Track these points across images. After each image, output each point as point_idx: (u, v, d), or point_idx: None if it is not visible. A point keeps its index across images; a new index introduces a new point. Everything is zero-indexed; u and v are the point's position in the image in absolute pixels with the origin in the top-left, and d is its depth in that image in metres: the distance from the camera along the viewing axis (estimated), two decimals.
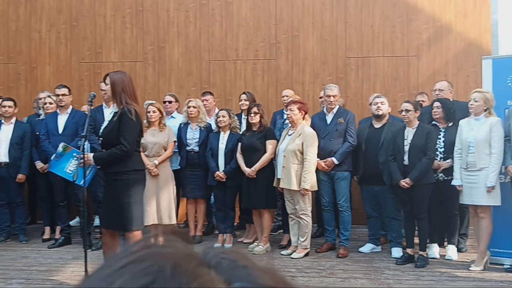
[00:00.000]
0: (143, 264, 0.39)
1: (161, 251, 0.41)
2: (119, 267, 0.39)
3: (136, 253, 0.41)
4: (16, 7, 7.41)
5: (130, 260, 0.39)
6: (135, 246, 0.42)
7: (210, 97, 6.35)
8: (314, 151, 4.95)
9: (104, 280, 0.38)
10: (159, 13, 7.25)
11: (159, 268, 0.38)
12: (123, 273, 0.38)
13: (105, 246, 4.07)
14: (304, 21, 7.06)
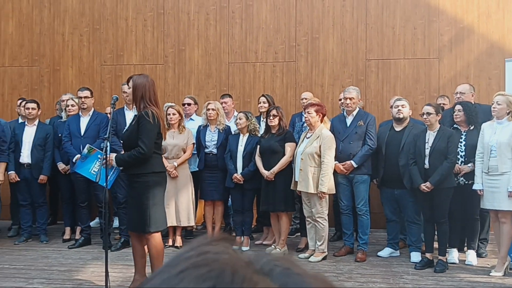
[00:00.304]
0: (202, 270, 0.40)
1: (218, 257, 0.42)
2: (178, 271, 0.40)
3: (193, 258, 0.42)
4: (40, 11, 7.56)
5: (188, 265, 0.40)
6: (191, 252, 0.43)
7: (229, 99, 6.37)
8: (331, 154, 4.92)
9: (164, 283, 0.39)
10: (180, 15, 7.31)
11: (218, 274, 0.39)
12: (183, 277, 0.39)
13: (133, 248, 4.11)
14: (324, 23, 7.03)
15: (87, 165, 4.22)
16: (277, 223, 5.46)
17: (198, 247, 0.43)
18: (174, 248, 5.60)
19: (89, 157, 4.23)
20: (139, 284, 4.01)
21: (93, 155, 4.21)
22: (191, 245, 0.44)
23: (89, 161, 4.22)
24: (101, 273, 4.59)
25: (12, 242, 5.98)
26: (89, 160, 4.23)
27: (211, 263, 0.40)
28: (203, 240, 0.45)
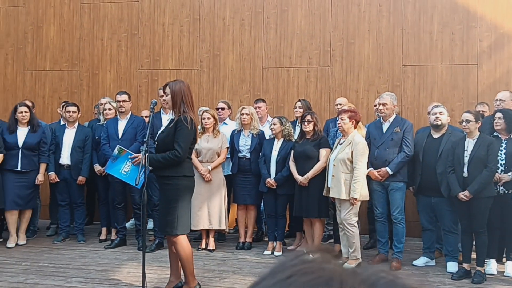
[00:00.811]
0: (310, 276, 0.41)
1: (324, 266, 0.43)
2: (286, 277, 0.41)
3: (299, 265, 0.43)
4: (80, 16, 7.78)
5: (295, 271, 0.42)
6: (296, 260, 0.44)
7: (262, 104, 6.40)
8: (364, 160, 4.86)
9: (274, 286, 0.41)
10: (215, 21, 7.39)
11: (327, 281, 0.40)
12: (291, 282, 0.40)
13: (169, 250, 4.17)
14: (360, 28, 6.98)
15: (118, 166, 4.30)
16: (310, 229, 5.44)
17: (303, 256, 0.44)
18: (207, 251, 5.64)
19: (120, 157, 4.31)
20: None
21: (124, 155, 4.30)
22: (295, 254, 0.45)
23: (120, 162, 4.30)
24: (137, 274, 4.68)
25: (50, 241, 6.15)
26: (119, 161, 4.31)
27: (318, 271, 0.41)
28: (306, 250, 0.46)
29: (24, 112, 5.90)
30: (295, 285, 0.40)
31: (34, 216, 6.32)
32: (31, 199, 6.02)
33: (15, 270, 4.85)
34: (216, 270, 4.93)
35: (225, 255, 5.56)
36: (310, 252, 0.46)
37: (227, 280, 4.61)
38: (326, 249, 0.47)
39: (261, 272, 0.45)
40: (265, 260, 5.37)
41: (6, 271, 4.83)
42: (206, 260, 5.24)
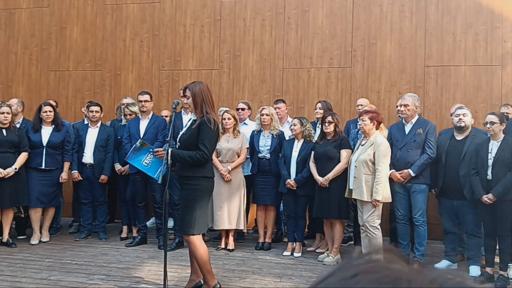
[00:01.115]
0: (377, 275, 0.41)
1: (390, 266, 0.43)
2: (352, 275, 0.41)
3: (364, 264, 0.43)
4: (103, 17, 7.89)
5: (361, 270, 0.42)
6: (360, 259, 0.44)
7: (282, 105, 6.39)
8: (386, 162, 4.81)
9: (339, 284, 0.41)
10: (236, 22, 7.42)
11: (394, 280, 0.40)
12: (358, 280, 0.40)
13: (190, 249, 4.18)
14: (382, 28, 6.93)
15: (139, 157, 4.35)
16: (330, 230, 5.42)
17: (367, 256, 0.44)
18: (227, 251, 5.66)
19: (141, 150, 4.37)
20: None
21: (145, 149, 4.35)
22: (360, 254, 0.45)
23: (141, 154, 4.35)
24: (158, 272, 4.73)
25: (73, 239, 6.25)
26: (141, 153, 4.36)
27: (384, 270, 0.41)
28: (371, 250, 0.46)
29: (49, 112, 6.00)
30: (361, 283, 0.40)
31: (57, 214, 6.43)
32: (54, 197, 6.12)
33: (39, 267, 4.94)
34: (236, 270, 4.94)
35: (244, 255, 5.58)
36: (374, 252, 0.46)
37: (246, 280, 4.62)
38: (391, 250, 0.46)
39: (322, 271, 0.45)
40: (284, 261, 5.36)
41: (29, 267, 4.92)
42: (226, 260, 5.26)
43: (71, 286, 4.32)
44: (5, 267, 4.88)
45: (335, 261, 5.24)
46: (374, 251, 0.46)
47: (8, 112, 5.70)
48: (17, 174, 5.67)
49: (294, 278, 4.71)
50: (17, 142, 5.72)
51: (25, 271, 4.76)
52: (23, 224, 6.34)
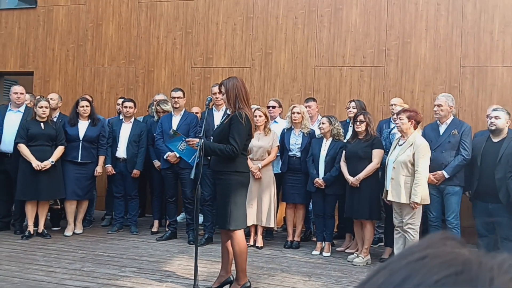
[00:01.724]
0: (444, 258, 0.41)
1: (456, 251, 0.43)
2: (417, 258, 0.41)
3: (429, 249, 0.43)
4: (138, 15, 8.02)
5: (426, 254, 0.42)
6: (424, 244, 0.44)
7: (313, 103, 6.36)
8: (425, 163, 4.70)
9: (405, 268, 0.41)
10: (269, 19, 7.42)
11: (463, 262, 0.40)
12: (425, 263, 0.41)
13: (222, 244, 4.22)
14: (416, 27, 6.81)
15: (175, 143, 4.43)
16: (360, 230, 5.36)
17: (430, 242, 0.44)
18: (255, 248, 5.68)
19: (175, 137, 4.44)
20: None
21: (178, 137, 4.42)
22: (423, 240, 0.46)
23: (176, 140, 4.42)
24: (187, 266, 4.79)
25: (105, 231, 6.39)
26: (175, 140, 4.43)
27: (451, 254, 0.41)
28: (434, 237, 0.46)
29: (85, 106, 6.15)
30: (429, 265, 0.40)
31: (90, 207, 6.58)
32: (89, 190, 6.27)
33: (72, 258, 5.07)
34: (265, 267, 4.95)
35: (273, 253, 5.58)
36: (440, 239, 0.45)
37: (275, 278, 4.62)
38: (453, 237, 0.46)
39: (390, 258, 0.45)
40: (313, 260, 5.35)
41: (64, 258, 5.05)
42: (254, 257, 5.28)
43: (103, 278, 4.42)
44: (40, 257, 5.03)
45: (364, 261, 5.19)
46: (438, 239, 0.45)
47: (46, 107, 5.86)
48: (54, 167, 5.83)
49: (323, 278, 4.69)
50: (54, 136, 5.88)
51: (60, 262, 4.89)
52: (58, 216, 6.52)
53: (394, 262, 0.43)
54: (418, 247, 0.44)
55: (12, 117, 6.14)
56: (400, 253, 0.44)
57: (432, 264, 0.40)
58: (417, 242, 0.46)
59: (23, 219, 6.13)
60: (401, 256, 0.43)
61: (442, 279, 0.39)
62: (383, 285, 0.41)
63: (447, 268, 0.40)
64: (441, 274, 0.39)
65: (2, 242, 5.60)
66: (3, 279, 4.26)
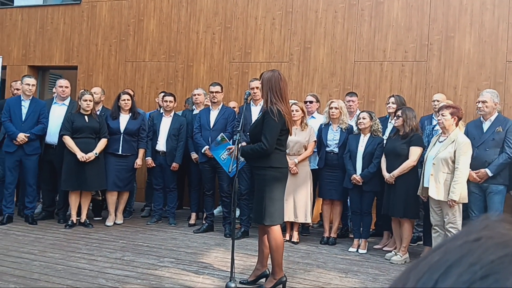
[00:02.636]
0: (500, 239, 0.41)
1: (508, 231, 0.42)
2: (474, 239, 0.42)
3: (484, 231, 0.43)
4: (178, 10, 8.13)
5: (482, 235, 0.42)
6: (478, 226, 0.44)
7: (356, 98, 6.27)
8: (467, 161, 4.57)
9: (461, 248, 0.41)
10: (308, 14, 7.37)
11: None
12: (481, 244, 0.41)
13: (259, 238, 4.24)
14: (461, 21, 6.60)
15: (219, 151, 4.48)
16: (398, 228, 5.28)
17: (486, 224, 0.44)
18: (291, 243, 5.68)
19: (221, 144, 4.48)
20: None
21: (224, 144, 4.46)
22: (479, 222, 0.45)
23: (220, 148, 4.47)
24: (224, 259, 4.84)
25: (144, 222, 6.54)
26: (220, 147, 4.48)
27: (506, 236, 0.41)
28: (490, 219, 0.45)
29: (127, 100, 6.30)
30: (485, 246, 0.40)
31: (130, 198, 6.75)
32: (129, 182, 6.43)
33: (113, 247, 5.22)
34: (301, 263, 4.95)
35: (309, 248, 5.57)
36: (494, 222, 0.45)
37: (311, 273, 4.61)
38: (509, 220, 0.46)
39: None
40: (350, 256, 5.30)
41: (105, 247, 5.21)
42: (290, 252, 5.28)
43: (143, 267, 4.53)
44: (82, 246, 5.20)
45: (403, 260, 5.11)
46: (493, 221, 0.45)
47: (90, 100, 6.04)
48: (97, 159, 6.01)
49: (360, 275, 4.65)
50: (98, 129, 6.05)
51: (101, 250, 5.05)
52: (99, 206, 6.72)
53: (450, 241, 0.43)
54: (474, 228, 0.44)
55: (57, 110, 6.36)
56: (456, 234, 0.44)
57: (487, 245, 0.40)
58: (474, 224, 0.45)
59: (66, 208, 6.35)
60: (457, 237, 0.43)
61: (497, 259, 0.39)
62: (439, 262, 0.41)
63: (503, 249, 0.39)
64: (497, 254, 0.39)
65: (47, 231, 5.83)
66: (48, 266, 4.43)
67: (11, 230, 5.79)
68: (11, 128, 5.99)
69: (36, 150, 6.15)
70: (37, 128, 6.08)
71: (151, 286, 4.03)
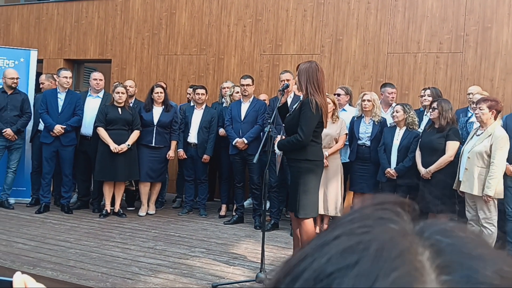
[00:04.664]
0: (351, 241, 0.35)
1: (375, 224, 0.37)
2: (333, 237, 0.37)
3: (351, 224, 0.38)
4: (210, 3, 8.16)
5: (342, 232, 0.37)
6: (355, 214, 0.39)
7: (394, 90, 6.09)
8: (503, 155, 4.44)
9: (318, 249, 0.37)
10: (340, 5, 7.27)
11: (364, 248, 0.34)
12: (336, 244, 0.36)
13: (293, 230, 4.25)
14: (498, 11, 6.40)
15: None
16: None
17: (365, 209, 0.39)
18: None
19: None
20: None
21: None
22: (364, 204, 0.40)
23: None
24: (254, 250, 4.87)
25: (176, 213, 6.64)
26: None
27: (363, 233, 0.36)
28: (375, 200, 0.40)
29: (160, 93, 6.38)
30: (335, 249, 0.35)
31: (162, 189, 6.86)
32: (161, 173, 6.53)
33: (146, 236, 5.32)
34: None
35: None
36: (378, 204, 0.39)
37: None
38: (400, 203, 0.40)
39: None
40: None
41: (138, 236, 5.32)
42: None
43: (174, 256, 4.60)
44: (116, 235, 5.32)
45: None
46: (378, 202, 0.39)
47: (123, 92, 6.15)
48: (130, 150, 6.12)
49: None
50: (131, 121, 6.16)
51: (134, 240, 5.15)
52: (132, 196, 6.86)
53: (317, 238, 0.38)
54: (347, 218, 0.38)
55: (91, 102, 6.50)
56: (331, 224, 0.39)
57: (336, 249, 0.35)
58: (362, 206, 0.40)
59: (101, 198, 6.51)
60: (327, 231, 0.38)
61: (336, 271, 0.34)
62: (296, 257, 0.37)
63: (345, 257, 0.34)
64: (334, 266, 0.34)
65: (82, 220, 5.99)
66: (83, 253, 4.56)
67: (48, 218, 5.98)
68: (48, 120, 6.17)
69: (72, 141, 6.32)
70: (73, 119, 6.24)
71: (182, 275, 4.10)
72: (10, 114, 6.36)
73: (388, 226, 0.37)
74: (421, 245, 0.35)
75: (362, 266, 0.33)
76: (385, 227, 0.36)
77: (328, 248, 0.36)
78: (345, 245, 0.35)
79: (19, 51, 7.30)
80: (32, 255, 4.43)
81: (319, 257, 0.35)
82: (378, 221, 0.37)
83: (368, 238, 0.35)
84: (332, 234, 0.37)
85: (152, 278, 3.98)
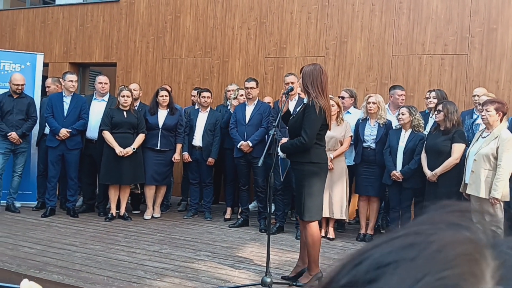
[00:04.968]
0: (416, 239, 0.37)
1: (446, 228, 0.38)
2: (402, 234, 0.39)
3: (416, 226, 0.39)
4: (214, 6, 8.17)
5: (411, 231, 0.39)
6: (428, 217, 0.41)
7: (403, 92, 6.08)
8: (510, 158, 4.41)
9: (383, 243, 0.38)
10: (344, 7, 7.27)
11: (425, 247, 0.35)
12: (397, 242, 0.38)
13: (300, 234, 4.24)
14: (504, 13, 6.37)
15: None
16: None
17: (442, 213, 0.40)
18: (327, 239, 5.64)
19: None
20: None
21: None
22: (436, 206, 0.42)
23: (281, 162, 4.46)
24: (259, 254, 4.87)
25: (181, 216, 6.64)
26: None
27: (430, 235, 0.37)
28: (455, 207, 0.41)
29: (165, 96, 6.40)
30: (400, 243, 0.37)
31: (167, 192, 6.87)
32: (167, 176, 6.54)
33: (151, 240, 5.33)
34: (336, 259, 4.91)
35: (345, 245, 5.52)
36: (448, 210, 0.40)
37: None
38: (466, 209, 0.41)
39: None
40: None
41: (143, 239, 5.32)
42: (326, 248, 5.25)
43: (180, 260, 4.60)
44: (121, 238, 5.33)
45: None
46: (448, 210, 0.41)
47: (128, 96, 6.16)
48: (135, 153, 6.13)
49: None
50: (136, 124, 6.18)
51: (139, 243, 5.16)
52: (138, 200, 6.87)
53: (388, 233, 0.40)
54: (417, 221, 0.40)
55: (97, 105, 6.52)
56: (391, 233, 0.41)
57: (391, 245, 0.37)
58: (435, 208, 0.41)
59: (106, 202, 6.52)
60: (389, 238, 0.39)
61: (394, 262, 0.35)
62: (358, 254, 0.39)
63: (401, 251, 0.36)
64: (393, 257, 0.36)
65: (87, 223, 6.01)
66: (89, 257, 4.57)
67: (53, 222, 6.00)
68: (54, 123, 6.19)
69: (78, 145, 6.34)
70: (78, 123, 6.26)
71: (188, 278, 4.09)
72: (16, 118, 6.39)
73: (458, 231, 0.38)
74: (492, 256, 0.36)
75: (417, 261, 0.34)
76: (455, 232, 0.37)
77: (394, 242, 0.38)
78: (410, 241, 0.37)
79: (25, 55, 7.33)
80: (38, 259, 4.44)
81: (384, 248, 0.37)
82: (451, 226, 0.38)
83: (433, 239, 0.36)
84: (403, 231, 0.39)
85: (157, 282, 3.99)
